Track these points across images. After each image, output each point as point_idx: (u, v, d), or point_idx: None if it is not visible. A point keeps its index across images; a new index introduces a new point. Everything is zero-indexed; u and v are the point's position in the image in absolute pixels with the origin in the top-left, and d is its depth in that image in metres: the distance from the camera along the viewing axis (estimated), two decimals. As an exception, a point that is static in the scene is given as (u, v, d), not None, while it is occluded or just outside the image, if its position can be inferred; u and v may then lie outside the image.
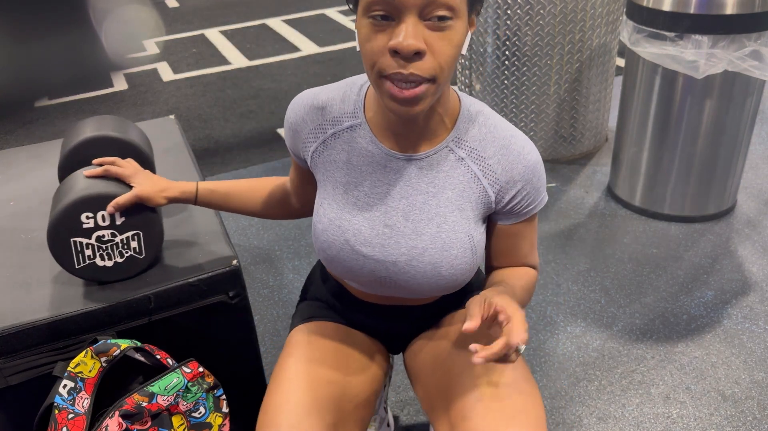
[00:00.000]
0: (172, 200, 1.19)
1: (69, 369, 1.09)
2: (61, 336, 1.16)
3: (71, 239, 1.16)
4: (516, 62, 2.50)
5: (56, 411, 1.04)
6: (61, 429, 1.04)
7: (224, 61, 4.37)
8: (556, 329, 1.79)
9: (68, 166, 1.33)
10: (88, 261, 1.19)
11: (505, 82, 2.56)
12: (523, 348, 0.83)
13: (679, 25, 1.90)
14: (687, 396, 1.56)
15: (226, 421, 1.23)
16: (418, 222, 0.95)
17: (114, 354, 1.11)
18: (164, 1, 6.09)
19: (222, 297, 1.28)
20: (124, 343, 1.14)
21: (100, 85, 4.00)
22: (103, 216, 1.15)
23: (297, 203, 1.19)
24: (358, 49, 0.85)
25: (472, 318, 0.82)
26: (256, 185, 1.20)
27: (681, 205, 2.23)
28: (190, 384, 1.15)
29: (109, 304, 1.18)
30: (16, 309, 1.16)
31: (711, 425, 1.48)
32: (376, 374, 1.11)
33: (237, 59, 4.40)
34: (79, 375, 1.09)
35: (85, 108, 3.65)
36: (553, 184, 2.53)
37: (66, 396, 1.06)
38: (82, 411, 1.06)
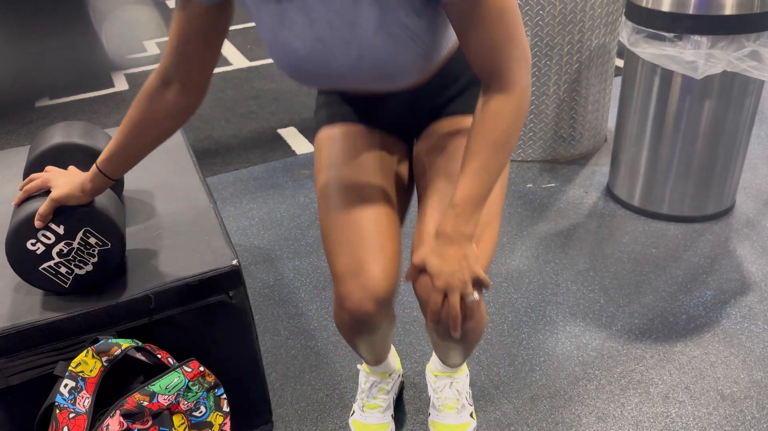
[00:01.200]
0: (93, 191, 1.14)
1: (70, 368, 1.09)
2: (61, 336, 1.16)
3: (39, 269, 1.16)
4: (515, 62, 2.50)
5: (57, 411, 1.05)
6: (62, 428, 1.04)
7: (225, 61, 4.38)
8: (555, 328, 1.80)
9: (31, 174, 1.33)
10: (71, 278, 1.18)
11: (505, 82, 2.56)
12: (472, 295, 0.96)
13: (678, 25, 1.90)
14: (686, 396, 1.57)
15: (227, 420, 1.23)
16: (342, 29, 0.92)
17: (115, 353, 1.12)
18: (164, 1, 6.09)
19: (222, 296, 1.28)
20: (125, 343, 1.14)
21: (101, 85, 4.00)
22: (44, 234, 1.13)
23: (180, 86, 1.05)
24: None
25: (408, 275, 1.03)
26: (133, 118, 1.10)
27: (680, 205, 2.24)
28: (191, 383, 1.16)
29: (109, 304, 1.18)
30: (17, 310, 1.16)
31: (710, 424, 1.49)
32: (404, 158, 1.23)
33: (237, 60, 4.41)
34: (80, 374, 1.09)
35: (86, 108, 3.66)
36: (552, 184, 2.54)
37: (67, 395, 1.06)
38: (83, 410, 1.07)
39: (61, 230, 1.14)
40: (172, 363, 1.17)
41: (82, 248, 1.16)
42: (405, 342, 1.78)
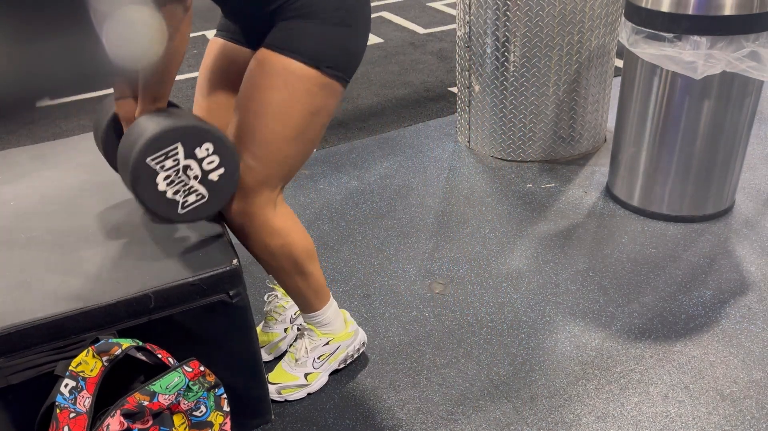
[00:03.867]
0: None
1: (70, 368, 1.09)
2: (61, 335, 1.16)
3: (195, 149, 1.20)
4: (515, 63, 2.51)
5: (58, 410, 1.05)
6: (63, 428, 1.04)
7: (224, 61, 4.38)
8: (554, 328, 1.80)
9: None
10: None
11: (505, 83, 2.57)
12: None
13: (678, 26, 1.91)
14: (685, 395, 1.57)
15: (227, 420, 1.23)
16: None
17: (115, 353, 1.12)
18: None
19: (222, 296, 1.28)
20: (126, 342, 1.14)
21: (103, 85, 4.00)
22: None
23: None
24: None
25: None
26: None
27: (679, 205, 2.24)
28: (191, 383, 1.16)
29: (109, 303, 1.18)
30: (17, 308, 1.17)
31: (709, 424, 1.49)
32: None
33: (237, 60, 4.40)
34: (81, 374, 1.09)
35: (87, 108, 3.66)
36: (552, 184, 2.54)
37: (67, 395, 1.06)
38: (84, 410, 1.07)
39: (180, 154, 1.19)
40: (172, 362, 1.18)
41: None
42: (405, 342, 1.78)
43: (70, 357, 1.12)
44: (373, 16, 5.30)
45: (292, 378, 1.60)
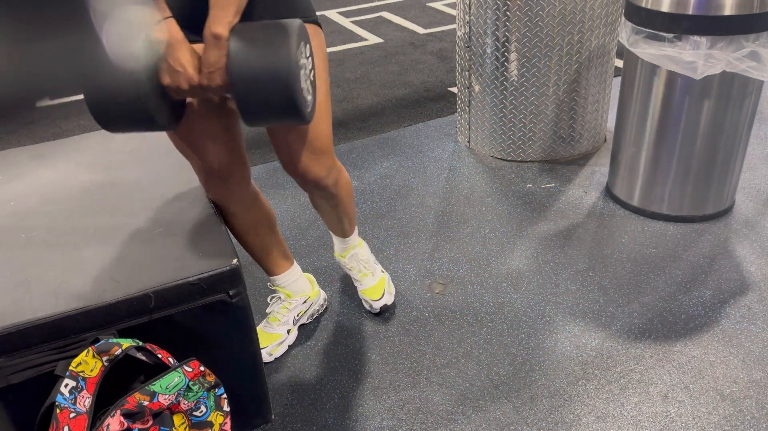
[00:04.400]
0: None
1: (71, 368, 1.09)
2: (61, 334, 1.16)
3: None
4: (515, 63, 2.51)
5: (58, 410, 1.05)
6: (63, 428, 1.04)
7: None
8: (554, 328, 1.80)
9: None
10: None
11: (504, 83, 2.57)
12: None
13: (678, 26, 1.91)
14: (685, 395, 1.57)
15: (227, 420, 1.23)
16: None
17: (115, 353, 1.12)
18: (164, 1, 6.08)
19: (222, 296, 1.28)
20: (126, 342, 1.14)
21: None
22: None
23: None
24: None
25: None
26: None
27: (679, 205, 2.24)
28: (191, 383, 1.16)
29: (109, 303, 1.18)
30: (17, 308, 1.17)
31: (709, 424, 1.49)
32: None
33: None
34: (81, 374, 1.09)
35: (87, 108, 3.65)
36: (552, 184, 2.54)
37: (67, 395, 1.06)
38: (84, 410, 1.07)
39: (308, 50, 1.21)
40: (172, 362, 1.18)
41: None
42: (405, 342, 1.78)
43: (70, 357, 1.12)
44: (373, 16, 5.31)
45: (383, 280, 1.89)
